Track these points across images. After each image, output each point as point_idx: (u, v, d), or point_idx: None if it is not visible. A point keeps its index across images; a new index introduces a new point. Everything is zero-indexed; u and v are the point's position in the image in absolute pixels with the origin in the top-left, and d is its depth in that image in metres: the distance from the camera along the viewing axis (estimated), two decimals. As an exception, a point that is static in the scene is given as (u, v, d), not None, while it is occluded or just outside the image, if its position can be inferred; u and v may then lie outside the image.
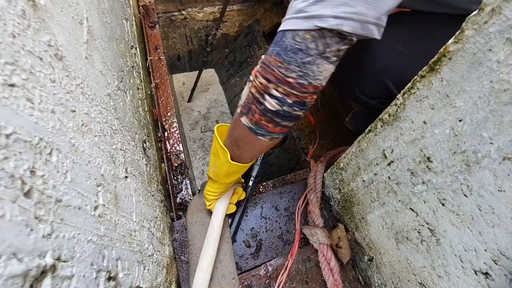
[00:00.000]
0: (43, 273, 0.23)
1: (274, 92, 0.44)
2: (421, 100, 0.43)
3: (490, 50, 0.32)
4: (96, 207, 0.35)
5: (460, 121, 0.38)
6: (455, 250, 0.46)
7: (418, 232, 0.54)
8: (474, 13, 0.33)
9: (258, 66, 0.47)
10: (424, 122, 0.44)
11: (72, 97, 0.35)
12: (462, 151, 0.39)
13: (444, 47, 0.37)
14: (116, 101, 0.54)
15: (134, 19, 1.04)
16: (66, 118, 0.32)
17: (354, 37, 0.41)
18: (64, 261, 0.26)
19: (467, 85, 0.35)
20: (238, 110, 0.51)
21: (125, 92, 0.64)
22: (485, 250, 0.41)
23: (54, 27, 0.34)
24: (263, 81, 0.44)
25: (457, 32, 0.35)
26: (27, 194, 0.23)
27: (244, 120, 0.49)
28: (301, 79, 0.42)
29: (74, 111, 0.35)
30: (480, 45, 0.33)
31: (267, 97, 0.44)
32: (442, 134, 0.41)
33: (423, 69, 0.41)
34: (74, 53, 0.38)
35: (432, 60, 0.39)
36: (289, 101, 0.44)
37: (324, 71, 0.43)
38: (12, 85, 0.24)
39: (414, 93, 0.44)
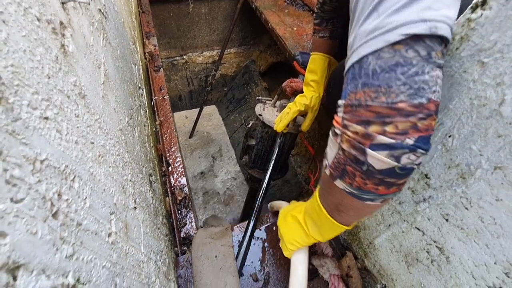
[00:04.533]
0: (65, 292, 0.24)
1: (381, 139, 0.32)
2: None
3: (465, 71, 0.36)
4: (109, 234, 0.36)
5: (449, 136, 0.41)
6: (466, 267, 0.46)
7: (427, 252, 0.53)
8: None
9: (339, 114, 0.36)
10: (417, 141, 0.47)
11: (91, 131, 0.38)
12: (456, 165, 0.41)
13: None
14: (126, 136, 0.57)
15: (141, 64, 1.12)
16: (86, 149, 0.35)
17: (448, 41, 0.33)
18: (83, 284, 0.27)
19: (450, 104, 0.39)
20: (327, 171, 0.40)
21: (134, 128, 0.67)
22: (495, 263, 0.41)
23: (79, 70, 0.38)
24: (359, 127, 0.33)
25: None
26: (54, 215, 0.25)
27: (339, 184, 0.38)
28: (416, 98, 0.31)
29: (92, 143, 0.38)
30: (456, 68, 0.37)
31: (369, 152, 0.33)
32: (435, 150, 0.44)
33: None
34: (93, 92, 0.43)
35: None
36: (410, 141, 0.32)
37: (437, 78, 0.32)
38: (46, 118, 0.27)
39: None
